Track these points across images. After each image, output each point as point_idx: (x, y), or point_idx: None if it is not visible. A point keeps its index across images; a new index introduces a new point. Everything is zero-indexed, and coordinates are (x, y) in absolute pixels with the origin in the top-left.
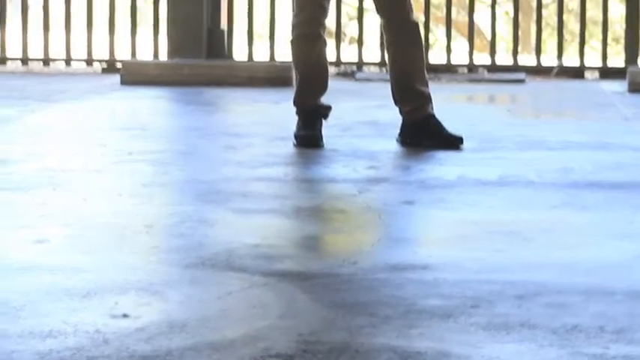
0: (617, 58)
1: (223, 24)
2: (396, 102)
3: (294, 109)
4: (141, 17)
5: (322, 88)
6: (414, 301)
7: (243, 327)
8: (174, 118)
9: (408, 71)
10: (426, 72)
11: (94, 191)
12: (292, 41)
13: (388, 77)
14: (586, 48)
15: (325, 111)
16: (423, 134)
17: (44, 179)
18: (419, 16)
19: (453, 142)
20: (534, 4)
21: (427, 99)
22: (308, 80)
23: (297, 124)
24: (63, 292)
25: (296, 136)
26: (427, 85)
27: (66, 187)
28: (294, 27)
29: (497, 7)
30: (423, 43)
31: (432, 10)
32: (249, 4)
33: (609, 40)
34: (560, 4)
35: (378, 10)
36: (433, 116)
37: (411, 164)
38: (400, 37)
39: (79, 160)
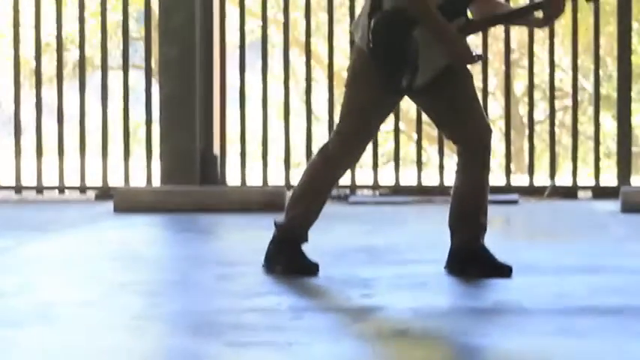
0: (610, 174)
1: (216, 149)
2: (452, 227)
3: (282, 235)
4: (134, 143)
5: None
6: None
7: None
8: (167, 246)
9: (472, 200)
10: (487, 200)
11: (87, 326)
12: (317, 167)
13: (381, 200)
14: (579, 163)
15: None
16: (473, 263)
17: (38, 314)
18: (410, 134)
19: (503, 271)
20: (526, 120)
21: (484, 230)
22: (317, 211)
23: (286, 252)
24: None
25: (287, 266)
26: (487, 215)
27: (60, 322)
28: (331, 153)
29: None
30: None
31: (425, 127)
32: (241, 128)
33: (602, 155)
34: (552, 121)
35: (449, 137)
36: (484, 246)
37: (403, 292)
38: (470, 163)
39: (72, 293)
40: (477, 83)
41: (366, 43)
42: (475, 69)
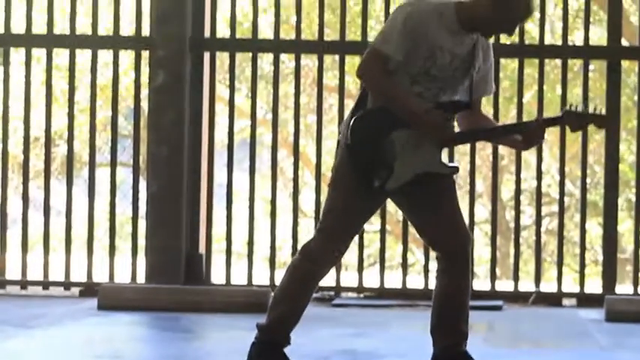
0: (595, 281)
1: (202, 247)
2: (433, 334)
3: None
4: (120, 239)
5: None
6: None
7: None
8: (150, 346)
9: (454, 307)
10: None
11: None
12: (298, 265)
13: (366, 303)
14: (564, 268)
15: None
16: None
17: None
18: (397, 235)
19: None
20: (513, 225)
21: (465, 337)
22: (299, 312)
23: (267, 355)
24: None
25: None
26: (468, 322)
27: None
28: (312, 251)
29: (475, 227)
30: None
31: (411, 229)
32: (227, 227)
33: (588, 261)
34: (538, 226)
35: (428, 242)
36: (466, 353)
37: None
38: (450, 270)
39: None
40: (464, 187)
41: (346, 141)
42: (463, 171)
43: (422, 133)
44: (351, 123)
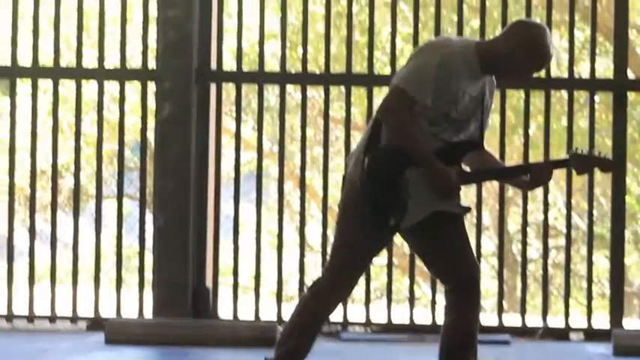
0: (603, 315)
1: (208, 281)
2: None
3: None
4: (126, 273)
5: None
6: None
7: None
8: None
9: (463, 341)
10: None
11: None
12: (308, 301)
13: (373, 338)
14: (572, 302)
15: None
16: None
17: None
18: (404, 269)
19: None
20: (520, 258)
21: None
22: (307, 348)
23: None
24: None
25: None
26: (476, 355)
27: None
28: (322, 288)
29: (482, 260)
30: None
31: (418, 262)
32: (234, 261)
33: (595, 295)
34: (545, 259)
35: (437, 276)
36: None
37: None
38: (458, 303)
39: None
40: (471, 220)
41: (359, 177)
42: (470, 204)
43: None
44: (367, 160)
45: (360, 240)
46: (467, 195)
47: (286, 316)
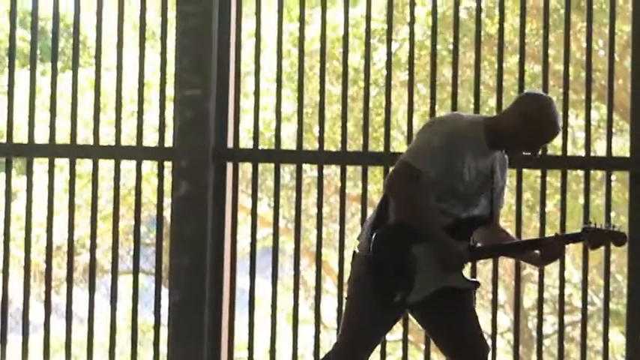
0: None
1: (224, 357)
2: None
3: None
4: (141, 348)
5: None
6: None
7: None
8: None
9: None
10: None
11: None
12: None
13: None
14: None
15: None
16: None
17: None
18: (419, 345)
19: None
20: (535, 334)
21: None
22: None
23: None
24: None
25: None
26: None
27: None
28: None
29: (498, 336)
30: None
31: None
32: (249, 337)
33: None
34: (561, 336)
35: (446, 354)
36: None
37: None
38: None
39: None
40: (487, 296)
41: (366, 254)
42: (486, 280)
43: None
44: (373, 236)
45: (370, 318)
46: (482, 272)
47: None
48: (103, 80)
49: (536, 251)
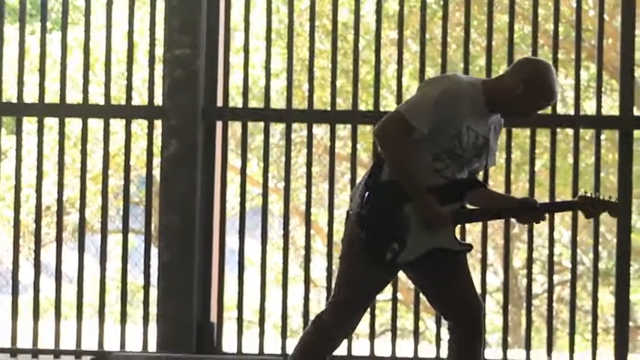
0: (608, 349)
1: (213, 316)
2: None
3: None
4: (131, 308)
5: None
6: None
7: None
8: None
9: None
10: None
11: None
12: (310, 337)
13: None
14: (577, 337)
15: None
16: None
17: None
18: (408, 304)
19: None
20: (525, 293)
21: None
22: None
23: None
24: None
25: None
26: None
27: None
28: (325, 324)
29: (487, 296)
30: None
31: (423, 298)
32: (239, 296)
33: (600, 330)
34: (550, 294)
35: (440, 312)
36: None
37: None
38: (462, 339)
39: None
40: (476, 255)
41: (358, 212)
42: (475, 240)
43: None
44: (365, 195)
45: (364, 277)
46: (472, 232)
47: (290, 350)
48: (92, 40)
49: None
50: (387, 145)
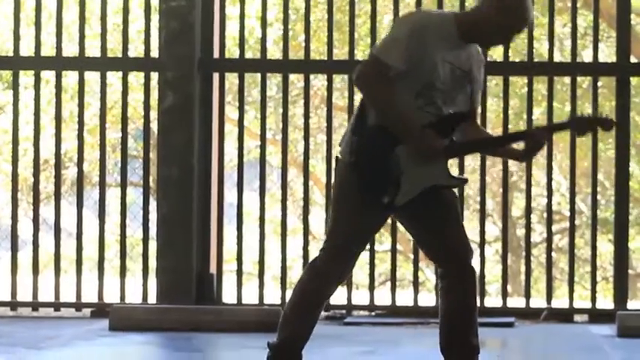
0: (607, 297)
1: (212, 267)
2: (443, 351)
3: (275, 356)
4: (130, 261)
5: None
6: None
7: None
8: None
9: (463, 323)
10: (477, 321)
11: None
12: (306, 284)
13: (377, 321)
14: (576, 286)
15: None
16: None
17: None
18: (407, 255)
19: None
20: (523, 242)
21: (477, 351)
22: (308, 330)
23: None
24: None
25: None
26: (478, 336)
27: None
28: (319, 269)
29: (486, 245)
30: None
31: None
32: (238, 247)
33: (599, 278)
34: (549, 243)
35: (430, 257)
36: None
37: None
38: (458, 285)
39: None
40: (475, 205)
41: (348, 158)
42: (473, 189)
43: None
44: (354, 141)
45: (355, 222)
46: (470, 180)
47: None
48: None
49: (519, 146)
50: (368, 89)
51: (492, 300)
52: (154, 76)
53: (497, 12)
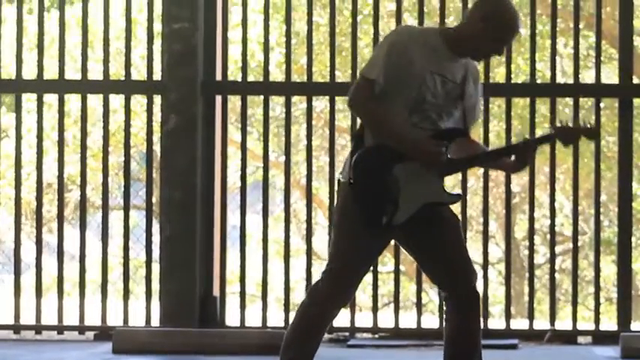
0: (610, 319)
1: (216, 290)
2: None
3: None
4: (133, 283)
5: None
6: None
7: None
8: None
9: (467, 347)
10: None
11: None
12: (307, 308)
13: (381, 344)
14: (579, 307)
15: None
16: None
17: None
18: (411, 276)
19: None
20: (527, 264)
21: None
22: (311, 354)
23: None
24: None
25: None
26: (482, 358)
27: None
28: (321, 293)
29: (489, 267)
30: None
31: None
32: (241, 269)
33: (602, 300)
34: (552, 265)
35: (434, 282)
36: None
37: None
38: (463, 308)
39: None
40: (478, 227)
41: (348, 180)
42: (476, 211)
43: (422, 164)
44: (352, 162)
45: (357, 245)
46: (474, 202)
47: None
48: (90, 16)
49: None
50: (359, 107)
51: (496, 322)
52: (157, 99)
53: (485, 23)
